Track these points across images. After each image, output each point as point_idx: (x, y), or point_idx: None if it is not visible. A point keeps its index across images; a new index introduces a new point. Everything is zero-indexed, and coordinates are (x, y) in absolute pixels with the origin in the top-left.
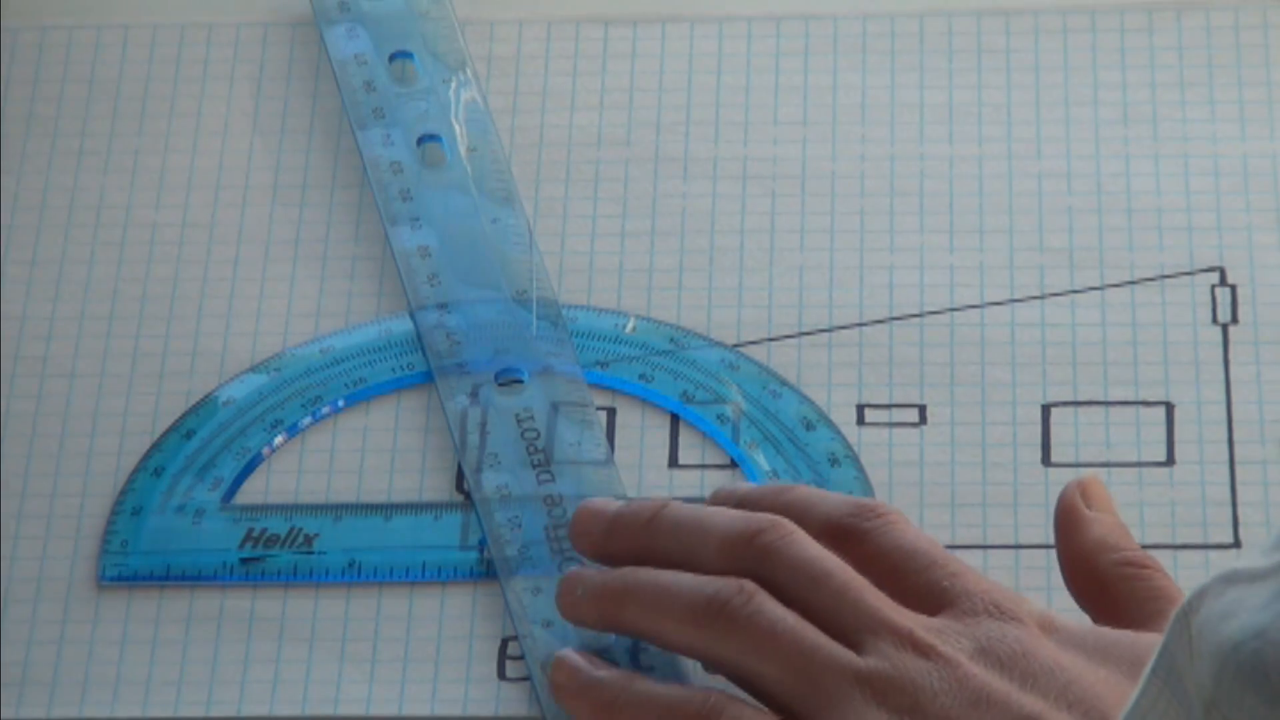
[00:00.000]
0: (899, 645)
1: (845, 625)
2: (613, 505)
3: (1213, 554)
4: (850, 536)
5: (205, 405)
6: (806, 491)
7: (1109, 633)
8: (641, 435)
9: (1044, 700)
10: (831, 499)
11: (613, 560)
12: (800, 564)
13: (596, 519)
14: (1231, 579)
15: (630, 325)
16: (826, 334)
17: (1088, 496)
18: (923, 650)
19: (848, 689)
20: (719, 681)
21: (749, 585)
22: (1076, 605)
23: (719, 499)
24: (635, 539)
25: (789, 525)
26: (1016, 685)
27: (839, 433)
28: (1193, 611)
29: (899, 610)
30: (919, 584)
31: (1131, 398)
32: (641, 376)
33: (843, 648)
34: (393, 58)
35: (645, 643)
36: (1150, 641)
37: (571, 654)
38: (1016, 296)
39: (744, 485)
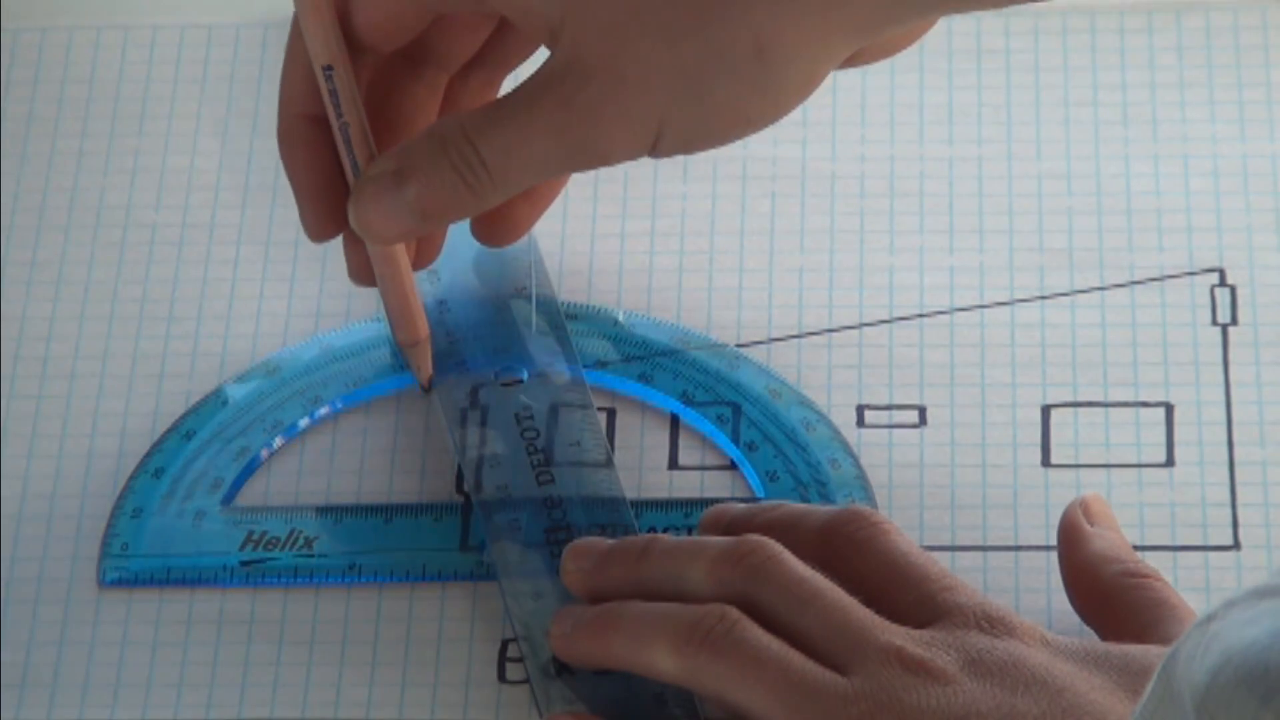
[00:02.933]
0: (887, 663)
1: (833, 646)
2: (604, 543)
3: (1212, 555)
4: (843, 547)
5: (205, 406)
6: (794, 506)
7: (1102, 643)
8: (641, 436)
9: (1036, 708)
10: (821, 510)
11: (605, 595)
12: (787, 585)
13: (588, 556)
14: (1264, 593)
15: (620, 318)
16: (826, 335)
17: (1089, 513)
18: (911, 666)
19: (835, 714)
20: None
21: (731, 612)
22: (1076, 611)
23: (708, 521)
24: (626, 573)
25: (775, 546)
26: (1008, 695)
27: (839, 433)
28: (1216, 618)
29: (887, 627)
30: (911, 597)
31: (1131, 399)
32: (641, 376)
33: (829, 671)
34: None
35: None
36: (1144, 652)
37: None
38: (1017, 297)
39: (733, 507)
